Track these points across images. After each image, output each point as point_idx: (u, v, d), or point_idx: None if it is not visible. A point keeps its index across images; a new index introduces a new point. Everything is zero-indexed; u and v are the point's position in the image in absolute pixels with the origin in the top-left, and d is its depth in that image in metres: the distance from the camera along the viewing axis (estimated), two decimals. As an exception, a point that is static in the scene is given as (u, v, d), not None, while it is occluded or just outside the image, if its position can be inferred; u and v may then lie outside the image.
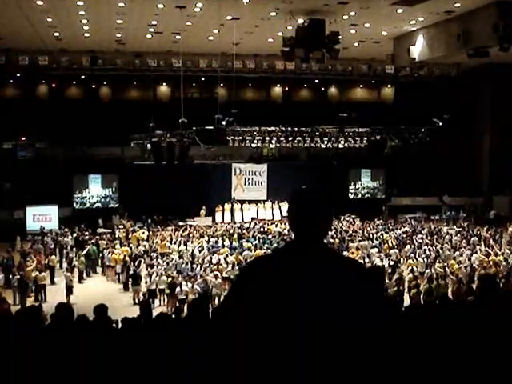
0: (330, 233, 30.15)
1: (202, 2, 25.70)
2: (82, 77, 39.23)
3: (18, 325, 7.62)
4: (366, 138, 36.17)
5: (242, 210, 37.29)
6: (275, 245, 27.00)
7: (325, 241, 2.98)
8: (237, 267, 22.59)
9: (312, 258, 2.82)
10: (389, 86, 43.85)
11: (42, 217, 33.20)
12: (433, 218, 37.29)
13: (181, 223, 33.62)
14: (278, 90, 43.13)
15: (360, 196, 40.89)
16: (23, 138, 37.66)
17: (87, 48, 35.47)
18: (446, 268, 22.32)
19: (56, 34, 31.79)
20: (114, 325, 9.91)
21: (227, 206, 36.94)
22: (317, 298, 2.70)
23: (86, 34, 31.95)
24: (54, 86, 39.48)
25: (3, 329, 7.02)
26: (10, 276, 22.94)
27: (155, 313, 13.24)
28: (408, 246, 26.92)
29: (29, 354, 5.42)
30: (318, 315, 2.68)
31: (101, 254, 26.82)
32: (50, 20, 28.54)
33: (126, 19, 28.56)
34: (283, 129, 35.37)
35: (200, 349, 2.93)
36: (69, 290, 21.91)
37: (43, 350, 5.63)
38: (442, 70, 39.95)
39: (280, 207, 37.55)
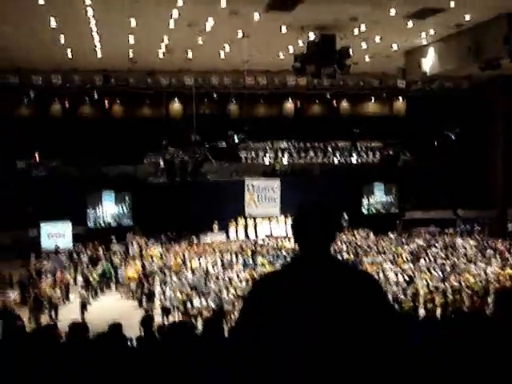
0: (343, 247, 30.13)
1: (213, 19, 25.83)
2: (95, 95, 39.47)
3: (33, 343, 7.65)
4: (378, 153, 36.19)
5: (255, 225, 37.25)
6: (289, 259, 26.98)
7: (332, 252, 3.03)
8: (250, 284, 22.59)
9: (321, 269, 2.87)
10: (400, 99, 43.80)
11: (56, 234, 33.35)
12: (447, 231, 37.07)
13: (194, 240, 33.63)
14: (289, 105, 43.14)
15: (373, 210, 40.76)
16: (37, 157, 37.90)
17: (100, 67, 35.73)
18: (461, 282, 22.18)
19: (69, 54, 32.05)
20: (129, 343, 9.88)
21: (240, 222, 36.93)
22: (327, 309, 2.73)
23: (99, 54, 32.18)
24: (67, 104, 39.71)
25: (20, 347, 7.06)
26: (26, 294, 23.06)
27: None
28: (422, 260, 26.79)
29: (45, 372, 5.44)
30: (330, 326, 2.71)
31: (115, 271, 26.89)
32: (62, 40, 28.78)
33: (137, 38, 28.74)
34: (295, 144, 35.44)
35: (216, 366, 2.94)
36: (83, 307, 21.98)
37: (59, 369, 5.65)
38: (454, 82, 39.88)
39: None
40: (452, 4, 23.81)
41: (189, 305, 20.21)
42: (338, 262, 3.14)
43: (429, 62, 30.55)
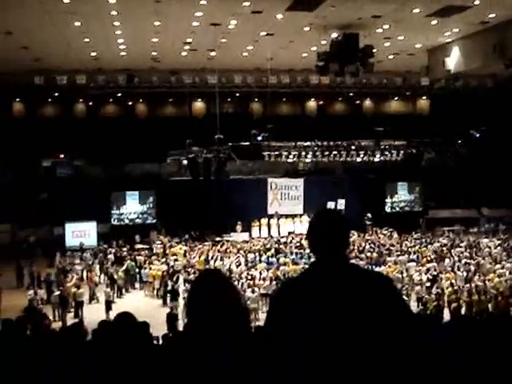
0: (367, 247, 30.02)
1: (237, 19, 25.90)
2: (119, 95, 39.76)
3: (61, 342, 7.75)
4: (402, 151, 36.02)
5: (278, 224, 37.26)
6: (313, 259, 26.90)
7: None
8: (274, 282, 22.62)
9: (338, 275, 2.94)
10: (424, 98, 43.56)
11: (81, 233, 33.65)
12: (471, 230, 36.79)
13: (218, 238, 33.72)
14: (312, 104, 43.12)
15: (397, 209, 40.58)
16: (62, 156, 38.29)
17: (124, 66, 36.00)
18: (486, 282, 22.00)
19: (93, 54, 32.34)
20: (155, 341, 9.97)
21: (264, 221, 36.96)
22: (345, 313, 2.81)
23: (123, 53, 32.42)
24: (91, 104, 40.08)
25: (48, 346, 7.14)
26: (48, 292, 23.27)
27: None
28: (447, 260, 26.61)
29: (72, 369, 5.51)
30: (347, 328, 2.79)
31: (139, 270, 27.04)
32: (87, 40, 29.05)
33: (161, 37, 28.92)
34: (319, 143, 35.39)
35: (243, 363, 2.99)
36: (108, 305, 22.13)
37: (86, 366, 5.72)
38: (479, 81, 39.57)
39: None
40: (477, 1, 23.66)
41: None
42: (353, 266, 3.24)
43: (453, 60, 30.32)
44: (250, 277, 23.41)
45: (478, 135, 35.24)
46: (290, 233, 36.28)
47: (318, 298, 2.89)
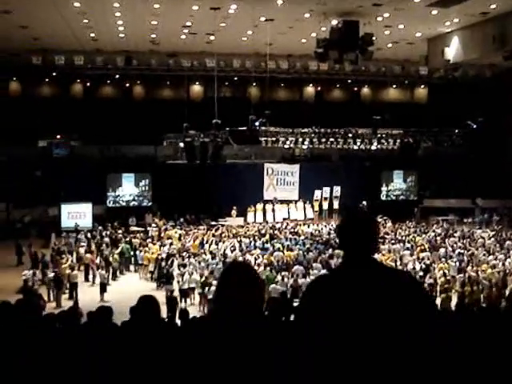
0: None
1: (236, 3, 25.81)
2: (117, 76, 39.65)
3: (60, 325, 7.82)
4: (398, 140, 36.08)
5: (273, 210, 37.37)
6: (307, 246, 27.01)
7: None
8: (268, 268, 22.71)
9: (370, 273, 3.04)
10: (422, 87, 43.56)
11: (77, 214, 33.65)
12: (465, 220, 36.94)
13: (213, 223, 33.80)
14: (310, 90, 43.09)
15: (392, 198, 40.71)
16: (58, 136, 38.19)
17: (122, 48, 35.85)
18: (479, 272, 22.12)
19: (92, 35, 32.20)
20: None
21: (259, 206, 37.06)
22: (378, 309, 2.92)
23: (121, 35, 32.29)
24: (88, 85, 39.95)
25: (46, 328, 7.20)
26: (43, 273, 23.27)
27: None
28: (441, 250, 26.72)
29: (68, 351, 5.56)
30: (381, 324, 2.88)
31: (134, 253, 27.08)
32: (86, 21, 28.92)
33: (160, 20, 28.80)
34: (316, 130, 35.42)
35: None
36: (103, 287, 22.20)
37: (81, 348, 5.78)
38: (477, 71, 39.53)
39: (312, 206, 37.81)
40: (478, -8, 23.63)
41: (206, 289, 20.33)
42: (381, 264, 3.32)
43: (452, 50, 30.31)
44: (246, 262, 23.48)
45: (474, 126, 35.26)
46: (284, 219, 36.42)
47: (349, 296, 2.97)
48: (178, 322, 12.08)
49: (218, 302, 3.21)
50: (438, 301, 19.45)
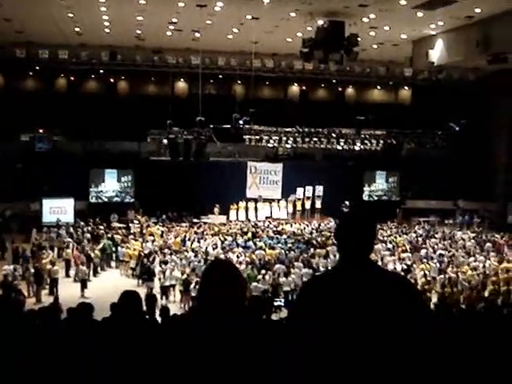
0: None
1: (223, 1, 25.77)
2: (101, 71, 39.46)
3: (41, 321, 7.79)
4: (382, 141, 36.26)
5: (256, 208, 37.39)
6: (289, 245, 27.07)
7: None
8: (249, 266, 22.74)
9: (366, 273, 3.08)
10: (406, 88, 43.76)
11: (58, 209, 33.46)
12: (447, 222, 37.19)
13: (195, 220, 33.77)
14: (295, 89, 43.14)
15: (374, 198, 40.88)
16: (41, 131, 37.94)
17: (107, 43, 35.70)
18: (459, 274, 22.31)
19: (77, 29, 32.01)
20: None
21: (241, 205, 37.07)
22: (372, 310, 2.95)
23: (107, 30, 32.14)
24: (72, 79, 39.71)
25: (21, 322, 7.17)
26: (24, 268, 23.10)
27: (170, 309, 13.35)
28: (422, 250, 26.91)
29: (48, 349, 5.55)
30: (371, 326, 2.91)
31: (115, 249, 27.00)
32: (71, 15, 28.75)
33: (146, 16, 28.70)
34: (300, 129, 35.50)
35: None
36: (83, 283, 22.12)
37: (61, 345, 5.76)
38: (461, 74, 39.79)
39: (294, 203, 37.91)
40: (463, -4, 23.76)
41: (189, 287, 20.33)
42: (378, 269, 3.34)
43: (436, 53, 30.47)
44: (228, 260, 23.47)
45: (457, 128, 35.50)
46: (267, 217, 36.47)
47: (345, 297, 3.00)
48: (159, 319, 12.06)
49: (200, 299, 3.24)
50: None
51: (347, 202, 36.61)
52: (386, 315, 2.95)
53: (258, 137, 34.83)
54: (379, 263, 24.32)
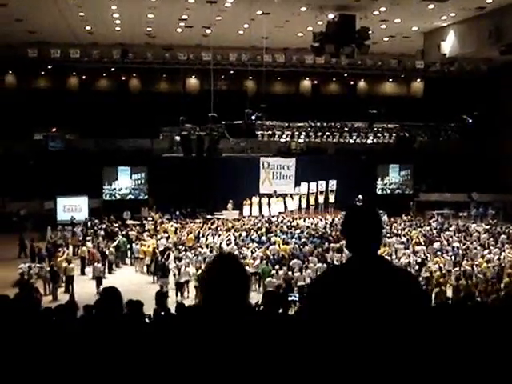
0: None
1: (233, -4, 25.82)
2: (113, 69, 39.58)
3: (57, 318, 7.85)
4: (394, 134, 36.13)
5: (269, 203, 37.36)
6: (303, 240, 27.03)
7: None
8: (264, 261, 22.75)
9: (371, 271, 3.09)
10: (418, 81, 43.59)
11: (73, 207, 33.63)
12: (461, 214, 37.00)
13: (209, 216, 33.80)
14: (307, 83, 43.10)
15: (388, 191, 40.75)
16: (54, 130, 38.15)
17: (118, 41, 35.81)
18: (474, 267, 22.21)
19: (88, 28, 32.15)
20: (147, 319, 10.06)
21: (255, 200, 37.05)
22: (380, 306, 2.97)
23: (117, 28, 32.26)
24: (84, 78, 39.90)
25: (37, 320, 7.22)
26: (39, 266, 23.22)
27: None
28: (436, 243, 26.79)
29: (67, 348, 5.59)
30: (382, 320, 2.94)
31: (130, 246, 27.09)
32: (82, 14, 28.89)
33: (156, 13, 28.76)
34: (312, 124, 35.45)
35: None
36: (98, 280, 22.21)
37: (80, 345, 5.80)
38: (473, 65, 39.58)
39: (308, 198, 37.84)
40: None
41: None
42: (385, 262, 3.35)
43: (448, 44, 30.34)
44: (241, 256, 23.50)
45: (470, 120, 35.33)
46: (280, 213, 36.44)
47: (353, 294, 3.01)
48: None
49: (204, 292, 3.27)
50: (433, 294, 19.54)
51: (360, 196, 36.52)
52: (393, 311, 2.96)
53: (270, 132, 34.88)
54: (393, 256, 24.31)
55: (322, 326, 3.01)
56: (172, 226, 30.91)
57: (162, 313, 13.07)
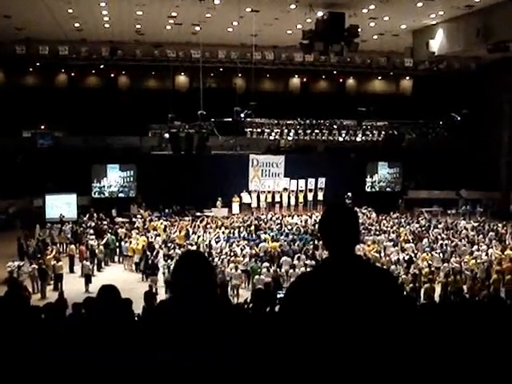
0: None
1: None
2: (101, 67, 39.46)
3: (46, 318, 7.84)
4: (383, 132, 36.22)
5: (258, 199, 37.43)
6: (291, 237, 27.09)
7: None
8: (253, 259, 22.78)
9: (349, 270, 3.10)
10: (407, 78, 43.75)
11: (62, 205, 33.48)
12: (449, 211, 37.16)
13: (198, 214, 33.79)
14: (296, 81, 43.16)
15: (377, 189, 40.86)
16: (42, 127, 38.01)
17: (107, 38, 35.70)
18: (462, 263, 22.34)
19: (76, 25, 32.00)
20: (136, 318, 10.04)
21: (245, 198, 37.07)
22: (355, 306, 2.99)
23: (106, 25, 32.14)
24: (73, 75, 39.77)
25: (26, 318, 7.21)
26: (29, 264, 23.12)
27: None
28: (425, 241, 26.90)
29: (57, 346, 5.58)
30: (356, 320, 2.97)
31: (119, 244, 27.02)
32: (70, 11, 28.75)
33: (146, 11, 28.69)
34: (301, 122, 35.47)
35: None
36: (87, 278, 22.17)
37: (70, 342, 5.80)
38: (462, 63, 39.74)
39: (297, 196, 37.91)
40: (463, -15, 23.73)
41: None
42: (363, 262, 3.36)
43: (437, 42, 30.46)
44: (231, 253, 23.52)
45: (459, 118, 35.44)
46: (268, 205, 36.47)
47: (331, 293, 3.02)
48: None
49: (173, 288, 3.32)
50: (422, 291, 19.64)
51: (349, 194, 36.60)
52: (369, 310, 2.98)
53: (259, 129, 34.83)
54: (382, 254, 24.39)
55: (299, 325, 3.03)
56: (161, 223, 30.87)
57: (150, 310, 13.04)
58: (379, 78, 43.73)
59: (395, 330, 3.01)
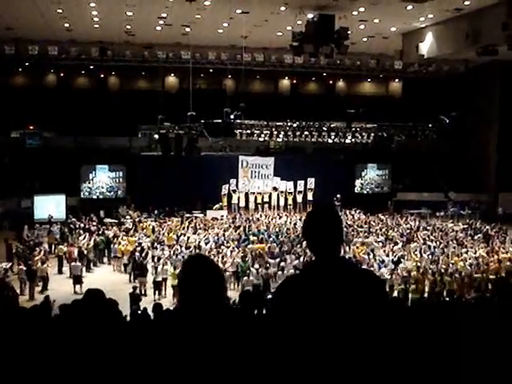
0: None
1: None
2: (91, 67, 39.34)
3: (32, 320, 7.79)
4: (372, 134, 36.35)
5: (247, 200, 37.47)
6: (281, 238, 27.12)
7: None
8: (241, 260, 22.76)
9: (334, 272, 3.11)
10: (396, 81, 43.88)
11: (50, 206, 33.30)
12: (438, 214, 37.29)
13: (187, 215, 33.74)
14: (286, 82, 43.20)
15: (366, 191, 40.94)
16: (31, 127, 37.86)
17: (97, 39, 35.58)
18: (450, 265, 22.43)
19: (66, 25, 31.89)
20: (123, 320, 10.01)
21: (235, 197, 37.09)
22: (340, 308, 3.01)
23: (96, 26, 32.04)
24: (62, 75, 39.63)
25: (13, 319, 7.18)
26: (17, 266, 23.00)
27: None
28: (414, 242, 27.00)
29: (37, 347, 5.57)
30: (342, 322, 2.98)
31: (108, 245, 26.92)
32: (60, 11, 28.65)
33: (136, 11, 28.64)
34: (291, 123, 35.54)
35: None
36: (76, 279, 22.08)
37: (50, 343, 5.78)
38: (450, 66, 39.90)
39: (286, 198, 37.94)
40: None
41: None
42: (348, 264, 3.43)
43: (426, 45, 30.60)
44: (221, 254, 23.51)
45: (448, 120, 35.61)
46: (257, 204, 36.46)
47: (317, 296, 3.03)
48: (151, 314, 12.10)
49: (181, 293, 3.29)
50: (410, 292, 19.71)
51: (338, 196, 36.67)
52: (353, 312, 3.00)
53: (249, 131, 34.91)
54: (371, 255, 24.43)
55: (286, 328, 3.04)
56: (150, 224, 30.81)
57: (139, 312, 13.06)
58: (369, 80, 43.83)
59: (379, 331, 3.02)
